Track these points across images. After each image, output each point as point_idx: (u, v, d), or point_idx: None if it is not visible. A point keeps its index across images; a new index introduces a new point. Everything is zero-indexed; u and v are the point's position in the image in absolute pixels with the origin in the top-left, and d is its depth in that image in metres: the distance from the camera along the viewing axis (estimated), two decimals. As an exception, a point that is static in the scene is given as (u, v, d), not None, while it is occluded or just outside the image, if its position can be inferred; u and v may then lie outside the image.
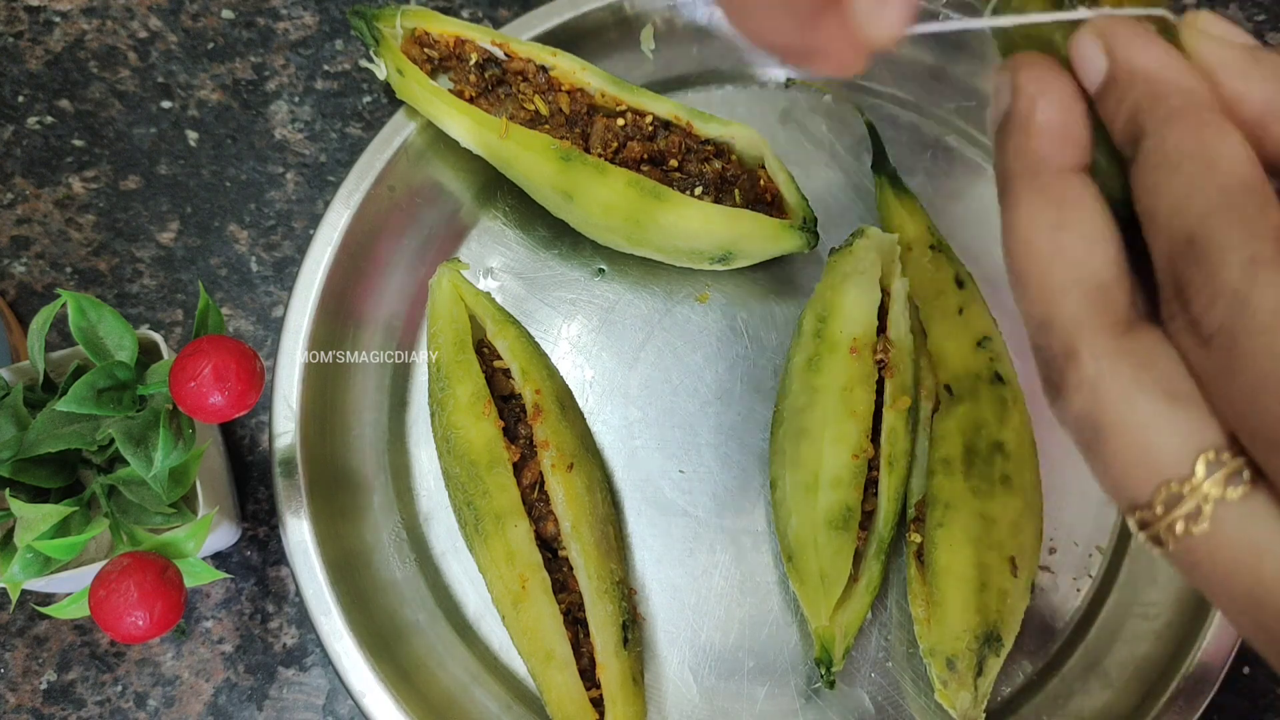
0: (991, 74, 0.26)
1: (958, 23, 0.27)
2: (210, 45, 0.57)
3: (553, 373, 0.49)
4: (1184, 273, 0.22)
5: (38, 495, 0.40)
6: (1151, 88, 0.24)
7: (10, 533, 0.40)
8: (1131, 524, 0.23)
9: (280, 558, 0.49)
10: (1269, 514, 0.21)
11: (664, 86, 0.55)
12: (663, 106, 0.51)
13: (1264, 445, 0.21)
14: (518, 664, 0.47)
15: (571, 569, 0.45)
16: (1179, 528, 0.22)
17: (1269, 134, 0.23)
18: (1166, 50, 0.24)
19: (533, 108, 0.51)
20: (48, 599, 0.47)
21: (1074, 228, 0.24)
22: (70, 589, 0.42)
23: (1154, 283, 0.24)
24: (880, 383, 0.46)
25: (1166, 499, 0.22)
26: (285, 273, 0.54)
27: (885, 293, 0.48)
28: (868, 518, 0.46)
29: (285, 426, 0.47)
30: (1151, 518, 0.22)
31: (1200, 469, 0.21)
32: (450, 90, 0.51)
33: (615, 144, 0.50)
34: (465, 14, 0.58)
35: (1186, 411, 0.22)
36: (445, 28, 0.52)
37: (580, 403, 0.50)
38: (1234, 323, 0.21)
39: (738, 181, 0.50)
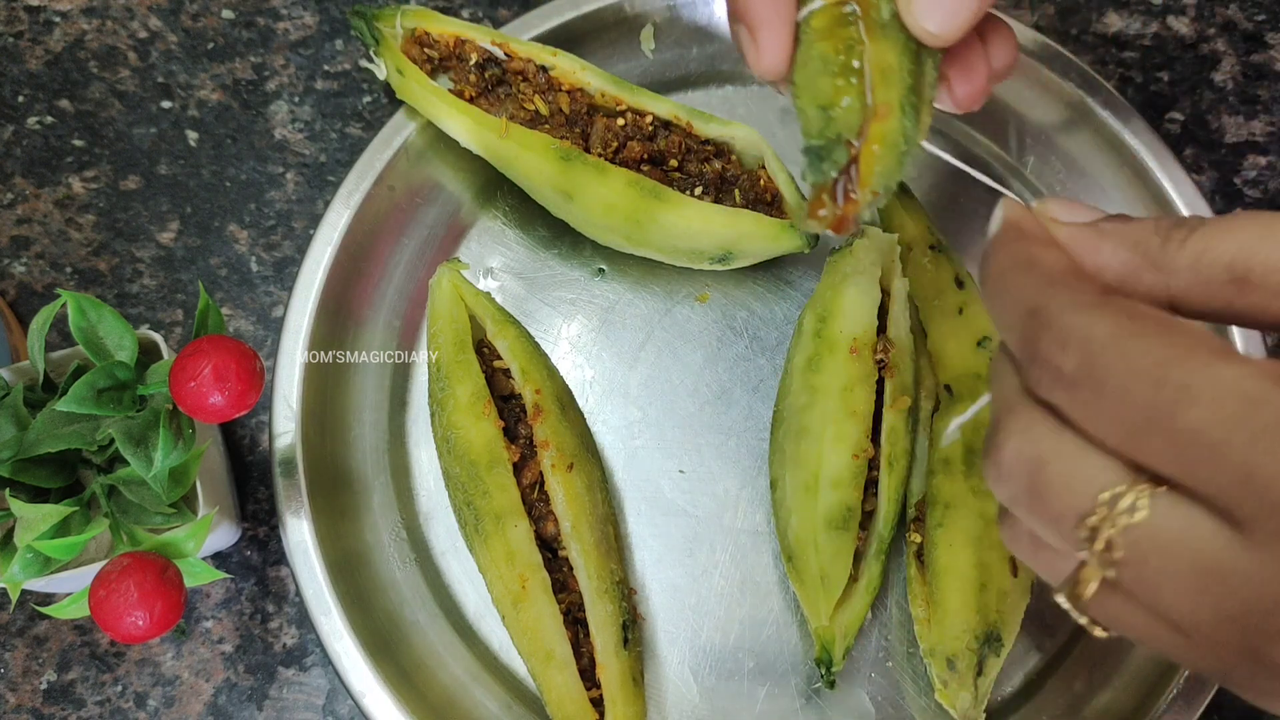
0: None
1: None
2: (210, 45, 0.57)
3: (553, 373, 0.49)
4: (1034, 338, 0.26)
5: (38, 495, 0.40)
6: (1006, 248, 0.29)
7: (10, 533, 0.40)
8: (1082, 535, 0.26)
9: (280, 558, 0.49)
10: (1189, 501, 0.24)
11: (664, 86, 0.55)
12: (663, 106, 0.51)
13: (1147, 450, 0.24)
14: (518, 664, 0.47)
15: (571, 569, 0.45)
16: (1122, 521, 0.25)
17: (1132, 293, 0.28)
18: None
19: (533, 108, 0.51)
20: (48, 599, 0.47)
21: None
22: (70, 589, 0.42)
23: None
24: (880, 383, 0.46)
25: (1109, 499, 0.25)
26: (285, 273, 0.54)
27: (885, 293, 0.48)
28: (868, 518, 0.46)
29: (285, 426, 0.47)
30: (1098, 521, 0.25)
31: (1128, 474, 0.25)
32: (450, 90, 0.51)
33: (615, 144, 0.50)
34: (465, 14, 0.58)
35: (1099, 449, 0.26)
36: (445, 28, 0.52)
37: (580, 403, 0.50)
38: (1087, 354, 0.25)
39: (738, 181, 0.50)
